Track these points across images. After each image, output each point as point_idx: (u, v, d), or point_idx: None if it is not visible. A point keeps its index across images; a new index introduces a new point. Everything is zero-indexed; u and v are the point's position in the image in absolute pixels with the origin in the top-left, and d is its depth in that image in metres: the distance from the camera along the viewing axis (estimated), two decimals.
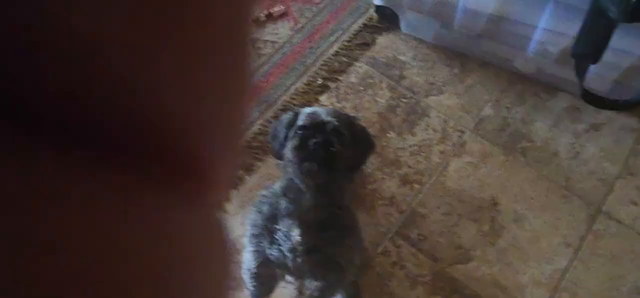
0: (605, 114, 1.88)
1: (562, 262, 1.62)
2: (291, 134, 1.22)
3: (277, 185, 1.28)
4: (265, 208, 1.29)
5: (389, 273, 1.59)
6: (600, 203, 1.71)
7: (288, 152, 1.20)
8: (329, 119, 1.19)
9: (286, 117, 1.30)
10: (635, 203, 1.71)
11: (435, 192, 1.73)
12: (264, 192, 1.32)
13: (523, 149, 1.83)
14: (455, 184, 1.75)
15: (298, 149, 1.16)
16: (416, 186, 1.75)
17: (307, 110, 1.26)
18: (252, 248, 1.30)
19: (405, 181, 1.76)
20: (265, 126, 1.87)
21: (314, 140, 1.15)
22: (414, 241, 1.65)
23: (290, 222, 1.22)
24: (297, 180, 1.22)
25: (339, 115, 1.23)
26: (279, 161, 1.34)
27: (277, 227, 1.23)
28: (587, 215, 1.69)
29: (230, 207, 1.71)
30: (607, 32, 1.54)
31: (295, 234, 1.22)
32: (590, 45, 1.58)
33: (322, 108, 1.26)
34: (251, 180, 1.76)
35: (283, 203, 1.23)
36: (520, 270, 1.60)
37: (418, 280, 1.59)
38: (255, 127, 1.87)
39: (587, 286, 1.57)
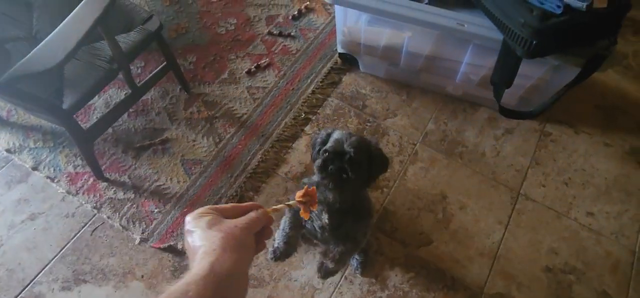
0: (515, 121, 1.94)
1: (497, 236, 1.66)
2: (321, 151, 1.21)
3: (314, 178, 1.27)
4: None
5: (373, 260, 1.60)
6: (519, 188, 1.77)
7: (315, 168, 1.21)
8: (348, 149, 1.16)
9: (322, 134, 1.27)
10: (543, 186, 1.77)
11: (399, 193, 1.75)
12: (305, 180, 1.34)
13: (460, 152, 1.86)
14: (413, 185, 1.77)
15: (320, 169, 1.17)
16: (385, 189, 1.75)
17: (336, 135, 1.22)
18: (289, 217, 1.34)
19: (377, 186, 1.76)
20: (266, 155, 1.85)
21: (332, 167, 1.15)
22: (388, 232, 1.66)
23: (321, 207, 1.26)
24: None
25: (358, 144, 1.18)
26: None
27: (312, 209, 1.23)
28: (510, 198, 1.74)
29: None
30: (516, 65, 1.59)
31: (325, 217, 1.27)
32: (504, 75, 1.64)
33: (346, 135, 1.20)
34: (259, 199, 1.73)
35: (318, 193, 1.22)
36: (468, 246, 1.63)
37: (395, 262, 1.60)
38: (258, 156, 1.84)
39: (517, 252, 1.62)
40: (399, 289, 1.55)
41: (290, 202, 0.73)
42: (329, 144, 1.22)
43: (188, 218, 0.56)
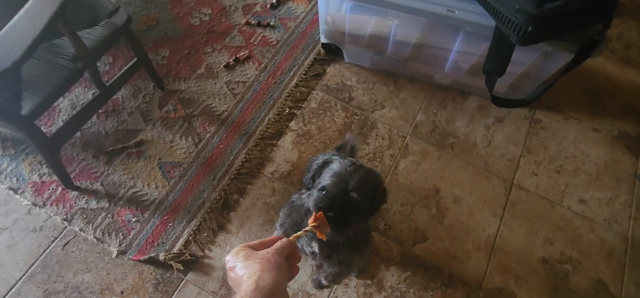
0: (505, 109, 1.90)
1: (492, 228, 1.62)
2: (319, 187, 0.98)
3: (304, 198, 1.11)
4: (294, 214, 1.18)
5: (368, 260, 1.53)
6: (512, 178, 1.73)
7: (310, 202, 0.99)
8: (353, 195, 0.95)
9: (320, 160, 1.08)
10: (536, 174, 1.74)
11: (391, 189, 1.68)
12: (294, 198, 1.20)
13: (451, 143, 1.80)
14: (405, 180, 1.71)
15: (316, 209, 0.94)
16: None
17: (335, 166, 1.00)
18: (280, 233, 1.18)
19: None
20: (250, 154, 1.74)
21: (331, 214, 0.91)
22: (383, 231, 1.59)
23: (311, 235, 1.10)
24: None
25: (364, 184, 0.97)
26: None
27: (326, 230, 0.98)
28: (504, 189, 1.70)
29: (231, 227, 1.58)
30: (509, 53, 1.54)
31: (315, 247, 1.13)
32: (497, 64, 1.58)
33: (349, 167, 0.98)
34: (245, 202, 1.63)
35: (306, 221, 1.03)
36: (464, 240, 1.59)
37: (390, 262, 1.53)
38: (242, 156, 1.73)
39: (513, 244, 1.59)
40: (396, 290, 1.49)
41: (307, 228, 0.82)
42: (327, 179, 0.99)
43: (227, 258, 0.68)
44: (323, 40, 1.99)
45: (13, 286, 1.45)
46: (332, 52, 2.02)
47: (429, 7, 1.59)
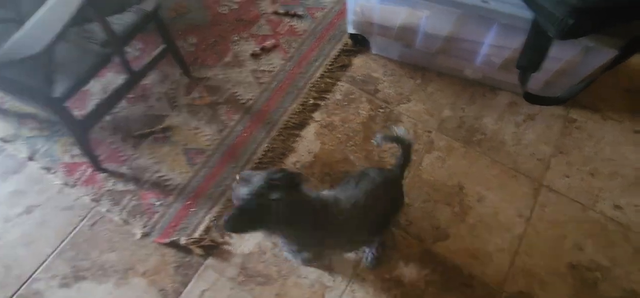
0: (537, 106, 1.82)
1: (517, 230, 1.56)
2: None
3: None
4: None
5: (388, 256, 1.50)
6: (541, 179, 1.66)
7: None
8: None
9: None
10: (567, 176, 1.66)
11: (414, 185, 1.64)
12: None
13: (478, 140, 1.74)
14: (429, 176, 1.67)
15: None
16: None
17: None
18: None
19: None
20: (273, 143, 1.74)
21: None
22: (403, 227, 1.56)
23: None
24: None
25: None
26: None
27: None
28: (532, 190, 1.63)
29: None
30: (546, 47, 1.47)
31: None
32: (532, 59, 1.51)
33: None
34: None
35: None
36: (487, 240, 1.54)
37: (410, 258, 1.51)
38: (264, 145, 1.74)
39: (539, 247, 1.52)
40: (414, 286, 1.46)
41: None
42: None
43: None
44: (350, 30, 1.96)
45: (43, 261, 1.51)
46: (360, 43, 1.99)
47: None
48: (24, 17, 1.50)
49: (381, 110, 1.82)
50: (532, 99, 1.72)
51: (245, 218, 1.01)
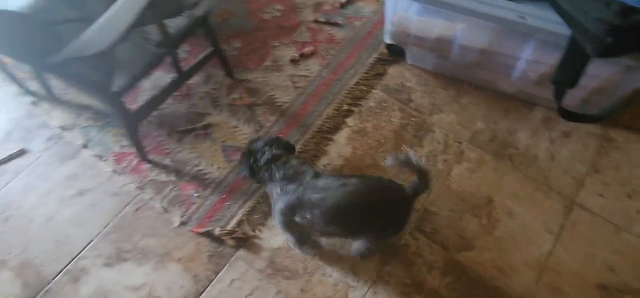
0: (573, 123, 1.79)
1: (546, 246, 1.54)
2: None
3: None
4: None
5: (410, 261, 1.53)
6: (574, 197, 1.63)
7: None
8: None
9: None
10: (602, 195, 1.63)
11: (442, 194, 1.66)
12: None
13: (510, 154, 1.74)
14: (457, 186, 1.68)
15: None
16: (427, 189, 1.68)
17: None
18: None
19: None
20: (306, 145, 1.81)
21: None
22: (428, 234, 1.58)
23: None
24: None
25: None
26: None
27: None
28: (563, 207, 1.61)
29: None
30: (583, 64, 1.46)
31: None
32: (568, 75, 1.50)
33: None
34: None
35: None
36: (513, 255, 1.53)
37: (433, 265, 1.53)
38: (298, 146, 1.81)
39: (568, 265, 1.50)
40: (436, 293, 1.48)
41: None
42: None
43: None
44: (387, 40, 2.00)
45: (91, 241, 1.64)
46: (396, 53, 2.03)
47: (499, 12, 1.56)
48: (92, 17, 1.65)
49: (413, 119, 1.85)
50: (568, 115, 1.70)
51: (245, 160, 1.47)
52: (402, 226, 1.39)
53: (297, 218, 1.38)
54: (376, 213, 1.31)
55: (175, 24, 1.63)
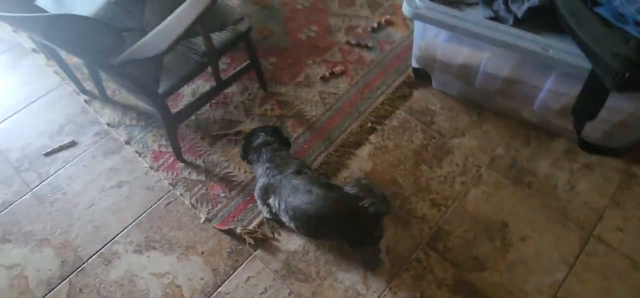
0: (596, 156, 1.79)
1: (559, 275, 1.54)
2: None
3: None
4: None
5: (420, 276, 1.57)
6: (592, 229, 1.62)
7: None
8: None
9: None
10: (621, 230, 1.61)
11: (457, 214, 1.70)
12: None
13: (529, 182, 1.76)
14: (473, 208, 1.71)
15: None
16: (443, 208, 1.71)
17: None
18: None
19: (434, 204, 1.73)
20: (329, 158, 1.89)
21: None
22: (440, 251, 1.61)
23: None
24: None
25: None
26: None
27: None
28: (579, 238, 1.60)
29: None
30: (603, 97, 1.48)
31: None
32: (588, 107, 1.52)
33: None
34: None
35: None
36: (525, 280, 1.54)
37: (443, 283, 1.55)
38: (321, 158, 1.90)
39: (581, 296, 1.49)
40: None
41: None
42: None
43: None
44: (414, 64, 2.08)
45: (125, 228, 1.78)
46: (421, 77, 2.10)
47: (524, 43, 1.60)
48: (146, 27, 1.83)
49: (434, 140, 1.91)
50: (588, 147, 1.70)
51: (243, 143, 1.71)
52: (363, 240, 1.51)
53: (270, 200, 1.59)
54: (331, 223, 1.48)
55: (219, 37, 1.78)
